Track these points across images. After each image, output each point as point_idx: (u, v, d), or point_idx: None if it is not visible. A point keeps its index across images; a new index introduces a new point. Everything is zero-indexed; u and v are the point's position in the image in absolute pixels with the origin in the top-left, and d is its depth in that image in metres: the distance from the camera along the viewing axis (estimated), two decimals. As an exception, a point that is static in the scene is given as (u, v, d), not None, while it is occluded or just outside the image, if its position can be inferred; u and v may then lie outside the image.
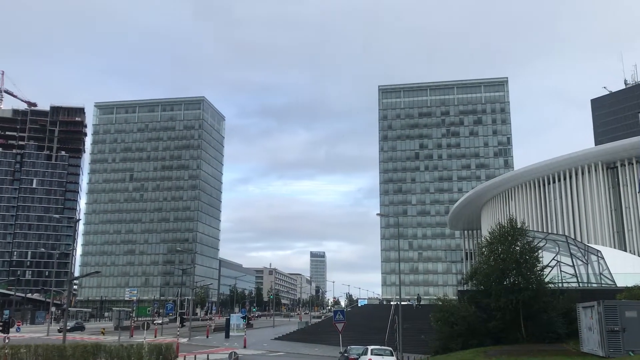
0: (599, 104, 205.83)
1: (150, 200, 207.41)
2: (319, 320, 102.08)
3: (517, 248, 36.35)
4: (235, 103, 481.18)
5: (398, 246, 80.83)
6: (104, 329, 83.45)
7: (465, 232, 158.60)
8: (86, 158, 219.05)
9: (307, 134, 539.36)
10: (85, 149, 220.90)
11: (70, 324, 77.69)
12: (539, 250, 38.68)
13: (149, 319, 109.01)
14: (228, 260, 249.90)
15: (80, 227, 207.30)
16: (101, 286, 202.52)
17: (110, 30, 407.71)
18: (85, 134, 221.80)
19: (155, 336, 69.98)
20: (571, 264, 47.00)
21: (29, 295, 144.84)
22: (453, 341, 37.28)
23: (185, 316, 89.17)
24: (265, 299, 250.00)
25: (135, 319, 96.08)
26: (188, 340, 65.21)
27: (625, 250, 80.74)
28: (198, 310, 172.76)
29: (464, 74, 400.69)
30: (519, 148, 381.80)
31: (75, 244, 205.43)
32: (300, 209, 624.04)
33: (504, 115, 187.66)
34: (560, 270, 45.79)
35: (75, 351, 33.38)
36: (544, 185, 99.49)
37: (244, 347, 57.65)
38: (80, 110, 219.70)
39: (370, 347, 39.14)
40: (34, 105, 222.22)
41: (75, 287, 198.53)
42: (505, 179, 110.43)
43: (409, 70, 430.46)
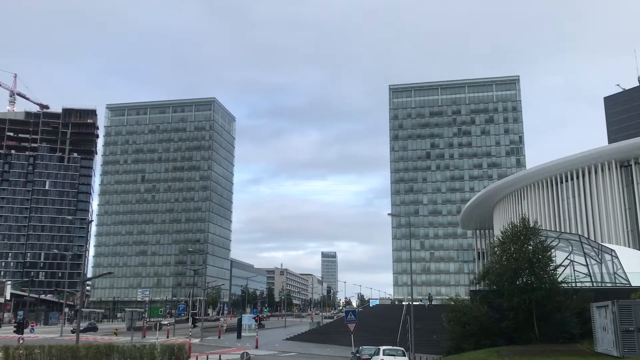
0: (612, 102, 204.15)
1: (161, 201, 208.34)
2: (331, 320, 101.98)
3: (530, 247, 36.06)
4: (246, 104, 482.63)
5: (410, 246, 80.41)
6: (116, 329, 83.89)
7: (477, 232, 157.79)
8: (98, 160, 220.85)
9: (318, 134, 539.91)
10: (97, 151, 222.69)
11: (83, 325, 78.16)
12: (552, 250, 38.37)
13: (160, 319, 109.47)
14: (239, 261, 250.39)
15: (93, 228, 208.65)
16: (114, 287, 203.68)
17: (121, 32, 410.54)
18: (97, 136, 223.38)
19: (168, 337, 70.28)
20: (585, 263, 46.59)
21: (42, 296, 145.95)
22: (465, 341, 37.08)
23: (197, 317, 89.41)
24: (276, 299, 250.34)
25: (148, 320, 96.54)
26: (200, 341, 65.40)
27: (639, 249, 79.94)
28: (210, 311, 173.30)
29: (475, 73, 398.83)
30: (531, 147, 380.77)
31: (87, 245, 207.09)
32: (311, 209, 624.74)
33: (516, 114, 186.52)
34: (574, 270, 45.40)
35: (88, 352, 33.60)
36: (557, 184, 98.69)
37: (256, 348, 57.73)
38: (92, 112, 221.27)
39: (382, 348, 39.08)
40: (46, 107, 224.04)
41: (88, 288, 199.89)
42: (517, 178, 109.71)
43: (420, 69, 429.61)
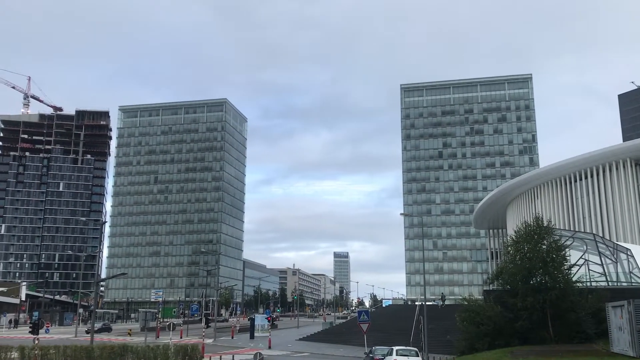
0: (626, 99, 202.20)
1: (174, 202, 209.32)
2: (344, 320, 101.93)
3: (544, 247, 35.84)
4: (257, 104, 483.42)
5: (422, 246, 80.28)
6: (130, 330, 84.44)
7: (491, 231, 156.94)
8: (111, 161, 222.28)
9: (330, 134, 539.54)
10: (110, 152, 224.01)
11: (97, 325, 78.69)
12: (566, 249, 38.11)
13: (173, 319, 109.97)
14: (252, 261, 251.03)
15: (106, 230, 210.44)
16: (127, 288, 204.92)
17: (133, 35, 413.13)
18: (110, 137, 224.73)
19: (181, 337, 70.56)
20: (600, 262, 46.21)
21: (57, 297, 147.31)
22: (479, 341, 36.91)
23: (210, 317, 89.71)
24: (289, 299, 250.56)
25: (161, 320, 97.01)
26: (213, 341, 65.60)
27: (655, 248, 79.08)
28: (223, 311, 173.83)
29: (488, 71, 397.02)
30: (544, 145, 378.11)
31: (101, 246, 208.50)
32: (323, 210, 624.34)
33: (529, 112, 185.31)
34: (589, 269, 45.07)
35: (102, 352, 33.81)
36: (571, 183, 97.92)
37: (269, 348, 57.80)
38: (105, 114, 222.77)
39: (395, 348, 38.97)
40: (60, 109, 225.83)
41: (102, 289, 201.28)
42: (530, 177, 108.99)
43: (432, 68, 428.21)
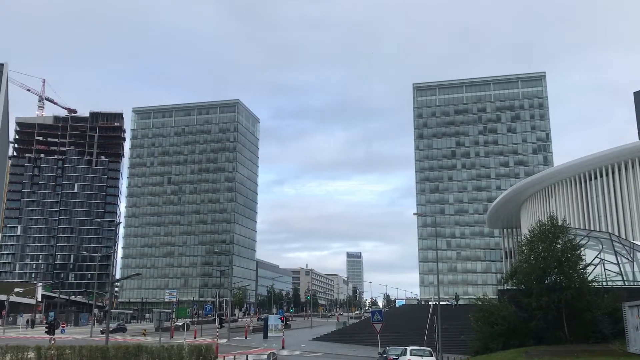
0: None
1: (187, 203, 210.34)
2: (357, 320, 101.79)
3: (559, 246, 35.60)
4: (270, 105, 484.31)
5: (436, 245, 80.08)
6: (145, 330, 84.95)
7: (505, 231, 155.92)
8: (125, 162, 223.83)
9: (343, 134, 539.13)
10: (124, 154, 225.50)
11: (112, 326, 79.28)
12: (581, 248, 37.82)
13: (188, 319, 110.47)
14: (265, 261, 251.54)
15: (121, 230, 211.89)
16: (141, 288, 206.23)
17: (147, 36, 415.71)
18: (124, 139, 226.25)
19: (195, 337, 70.88)
20: (616, 262, 45.76)
21: (72, 297, 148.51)
22: (493, 341, 36.73)
23: (224, 317, 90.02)
24: (302, 299, 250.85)
25: (176, 320, 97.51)
26: (227, 341, 65.78)
27: (672, 247, 78.16)
28: (236, 311, 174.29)
29: (501, 70, 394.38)
30: (558, 144, 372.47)
31: (116, 247, 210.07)
32: (336, 210, 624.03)
33: (543, 111, 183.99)
34: (604, 269, 44.65)
35: (117, 352, 34.04)
36: (586, 182, 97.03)
37: (282, 348, 57.88)
38: (119, 116, 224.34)
39: (409, 348, 38.89)
40: (74, 111, 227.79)
41: (116, 289, 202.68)
42: (545, 176, 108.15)
43: (444, 67, 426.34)
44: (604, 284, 41.19)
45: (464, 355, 43.32)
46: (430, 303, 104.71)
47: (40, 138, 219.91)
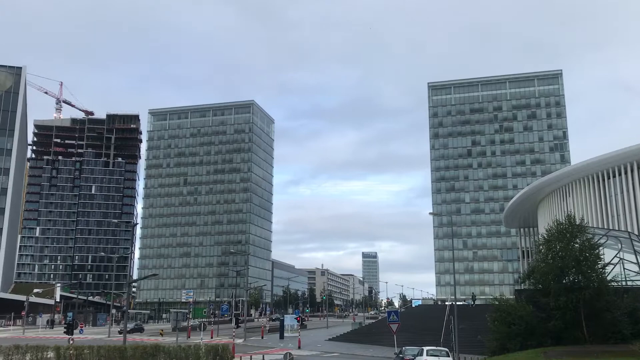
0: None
1: (203, 204, 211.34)
2: (374, 321, 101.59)
3: (577, 245, 35.26)
4: (284, 105, 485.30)
5: (452, 245, 79.98)
6: (162, 330, 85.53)
7: (522, 230, 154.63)
8: (142, 164, 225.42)
9: (357, 133, 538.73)
10: (141, 155, 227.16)
11: (130, 326, 79.89)
12: (600, 247, 37.44)
13: (205, 319, 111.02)
14: (280, 262, 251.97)
15: (138, 231, 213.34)
16: (159, 288, 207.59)
17: (162, 38, 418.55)
18: (141, 140, 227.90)
19: (212, 337, 71.18)
20: (635, 261, 45.21)
21: (90, 298, 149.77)
22: (511, 341, 36.47)
23: (240, 317, 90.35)
24: (318, 299, 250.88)
25: (192, 321, 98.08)
26: (243, 341, 66.00)
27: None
28: (252, 311, 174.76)
29: (516, 68, 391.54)
30: (576, 142, 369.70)
31: (133, 248, 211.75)
32: (351, 210, 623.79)
33: (559, 109, 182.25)
34: (624, 268, 44.13)
35: (135, 352, 34.29)
36: (604, 180, 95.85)
37: (299, 348, 57.94)
38: (135, 118, 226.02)
39: (425, 348, 38.77)
40: (91, 113, 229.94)
41: (134, 290, 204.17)
42: (562, 174, 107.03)
43: (459, 66, 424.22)
44: (624, 283, 40.72)
45: (480, 356, 43.08)
46: (446, 303, 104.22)
47: (58, 140, 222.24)
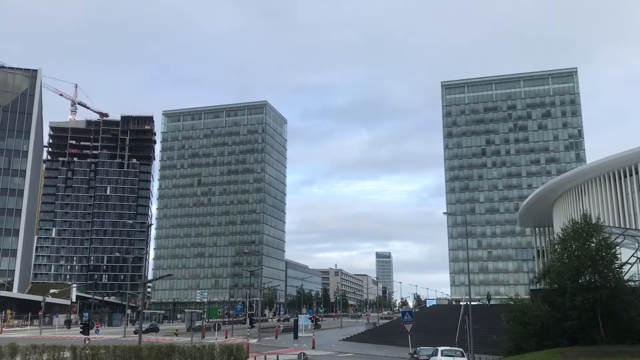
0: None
1: (217, 204, 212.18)
2: (388, 321, 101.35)
3: (593, 245, 34.89)
4: (296, 105, 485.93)
5: (467, 245, 79.83)
6: (177, 330, 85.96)
7: (537, 230, 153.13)
8: (156, 165, 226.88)
9: (370, 133, 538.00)
10: (155, 156, 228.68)
11: (145, 326, 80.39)
12: (617, 247, 37.02)
13: (219, 319, 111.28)
14: (294, 262, 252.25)
15: (152, 232, 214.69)
16: (173, 288, 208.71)
17: (175, 40, 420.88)
18: (155, 142, 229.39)
19: (226, 337, 71.43)
20: (653, 260, 44.60)
21: (105, 298, 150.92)
22: (526, 341, 36.17)
23: (254, 317, 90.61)
24: (331, 299, 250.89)
25: (207, 321, 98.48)
26: (258, 341, 66.16)
27: None
28: (266, 311, 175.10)
29: (531, 66, 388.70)
30: (591, 141, 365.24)
31: (147, 248, 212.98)
32: (364, 210, 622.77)
33: (574, 107, 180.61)
34: (641, 267, 43.56)
35: (150, 352, 34.50)
36: (621, 179, 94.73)
37: (313, 348, 57.98)
38: (149, 119, 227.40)
39: (440, 348, 38.61)
40: (106, 115, 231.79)
41: (148, 290, 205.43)
42: (578, 173, 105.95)
43: (473, 64, 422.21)
44: (641, 283, 40.20)
45: (496, 356, 42.83)
46: (461, 303, 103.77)
47: (74, 142, 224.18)
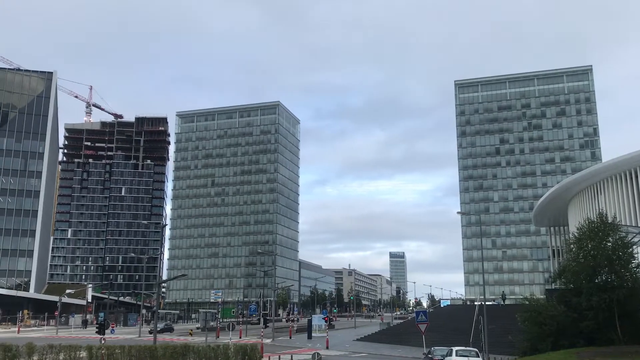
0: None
1: (231, 205, 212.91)
2: (402, 321, 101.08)
3: (609, 244, 34.57)
4: (309, 105, 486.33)
5: (481, 245, 79.34)
6: (191, 330, 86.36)
7: (552, 229, 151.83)
8: (170, 166, 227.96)
9: (383, 133, 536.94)
10: (169, 157, 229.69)
11: (160, 326, 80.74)
12: (634, 246, 36.62)
13: (233, 319, 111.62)
14: (307, 262, 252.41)
15: (167, 232, 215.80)
16: (187, 289, 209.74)
17: (188, 41, 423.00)
18: (169, 143, 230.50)
19: (240, 337, 71.63)
20: (670, 259, 44.03)
21: (121, 298, 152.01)
22: (542, 342, 35.92)
23: (268, 317, 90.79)
24: (345, 300, 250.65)
25: (221, 321, 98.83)
26: (272, 341, 66.27)
27: None
28: (280, 311, 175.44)
29: (545, 64, 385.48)
30: (607, 139, 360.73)
31: (162, 249, 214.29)
32: (378, 209, 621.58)
33: (590, 105, 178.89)
34: (659, 267, 43.00)
35: (165, 352, 34.67)
36: (638, 177, 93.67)
37: (327, 348, 57.93)
38: (163, 120, 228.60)
39: (455, 348, 38.46)
40: (120, 117, 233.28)
41: (163, 290, 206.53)
42: (593, 172, 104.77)
43: (486, 63, 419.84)
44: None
45: (511, 356, 42.58)
46: (475, 303, 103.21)
47: (89, 143, 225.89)
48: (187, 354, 34.73)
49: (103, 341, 42.39)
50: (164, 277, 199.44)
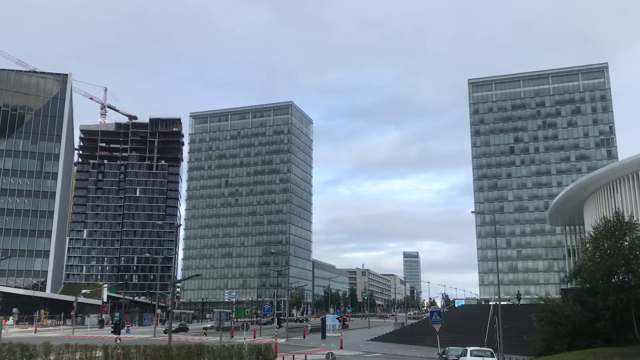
0: None
1: (244, 205, 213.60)
2: (416, 321, 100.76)
3: (626, 243, 34.22)
4: (322, 105, 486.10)
5: (495, 244, 79.04)
6: (206, 330, 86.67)
7: (567, 228, 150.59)
8: (184, 166, 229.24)
9: (397, 132, 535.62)
10: (183, 158, 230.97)
11: (174, 326, 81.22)
12: (651, 246, 36.16)
13: (247, 319, 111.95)
14: (321, 262, 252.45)
15: (181, 232, 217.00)
16: (202, 288, 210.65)
17: (202, 42, 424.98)
18: (183, 143, 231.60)
19: (254, 337, 71.80)
20: (688, 259, 43.43)
21: (136, 298, 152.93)
22: (558, 342, 35.67)
23: (282, 317, 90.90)
24: (359, 299, 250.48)
25: (235, 320, 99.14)
26: (286, 341, 66.35)
27: None
28: (294, 311, 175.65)
29: (560, 62, 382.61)
30: (623, 137, 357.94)
31: (177, 249, 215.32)
32: (391, 209, 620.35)
33: (605, 103, 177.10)
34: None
35: (180, 351, 34.84)
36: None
37: (341, 348, 57.92)
38: (177, 121, 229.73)
39: (469, 348, 38.29)
40: (135, 118, 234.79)
41: (178, 290, 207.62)
42: (609, 170, 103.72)
43: (500, 61, 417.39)
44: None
45: (526, 356, 42.32)
46: (490, 303, 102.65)
47: (103, 144, 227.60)
48: (202, 354, 34.89)
49: (119, 341, 42.67)
50: (179, 277, 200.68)
